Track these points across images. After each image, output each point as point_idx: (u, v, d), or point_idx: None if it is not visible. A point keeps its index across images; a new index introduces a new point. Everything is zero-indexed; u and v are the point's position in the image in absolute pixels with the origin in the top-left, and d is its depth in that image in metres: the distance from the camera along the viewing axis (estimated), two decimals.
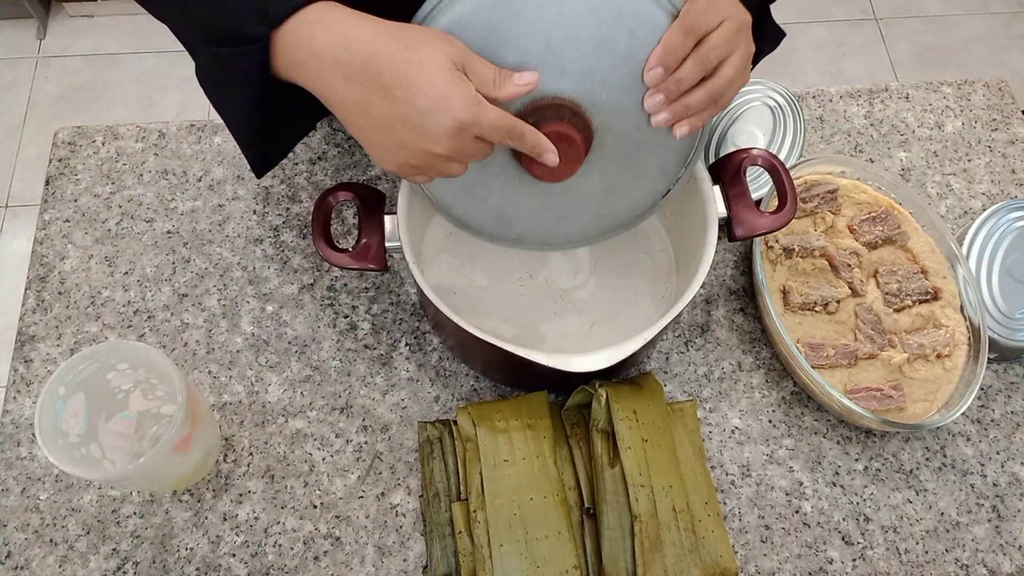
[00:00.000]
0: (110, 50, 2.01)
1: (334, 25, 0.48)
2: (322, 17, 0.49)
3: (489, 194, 0.62)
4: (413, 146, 0.50)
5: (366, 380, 0.72)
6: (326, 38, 0.48)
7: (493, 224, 0.66)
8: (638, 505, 0.62)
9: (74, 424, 0.59)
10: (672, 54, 0.52)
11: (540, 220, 0.65)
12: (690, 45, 0.52)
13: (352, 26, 0.48)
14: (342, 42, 0.48)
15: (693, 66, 0.52)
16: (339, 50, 0.48)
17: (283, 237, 0.78)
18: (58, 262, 0.76)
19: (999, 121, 0.88)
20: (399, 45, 0.48)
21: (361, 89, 0.48)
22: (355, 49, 0.48)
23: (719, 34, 0.52)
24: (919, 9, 2.16)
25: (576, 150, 0.55)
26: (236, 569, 0.65)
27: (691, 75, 0.53)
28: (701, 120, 0.55)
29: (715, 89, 0.53)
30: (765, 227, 0.64)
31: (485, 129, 0.49)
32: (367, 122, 0.50)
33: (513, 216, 0.65)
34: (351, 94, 0.49)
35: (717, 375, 0.73)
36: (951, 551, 0.67)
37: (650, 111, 0.55)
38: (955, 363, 0.71)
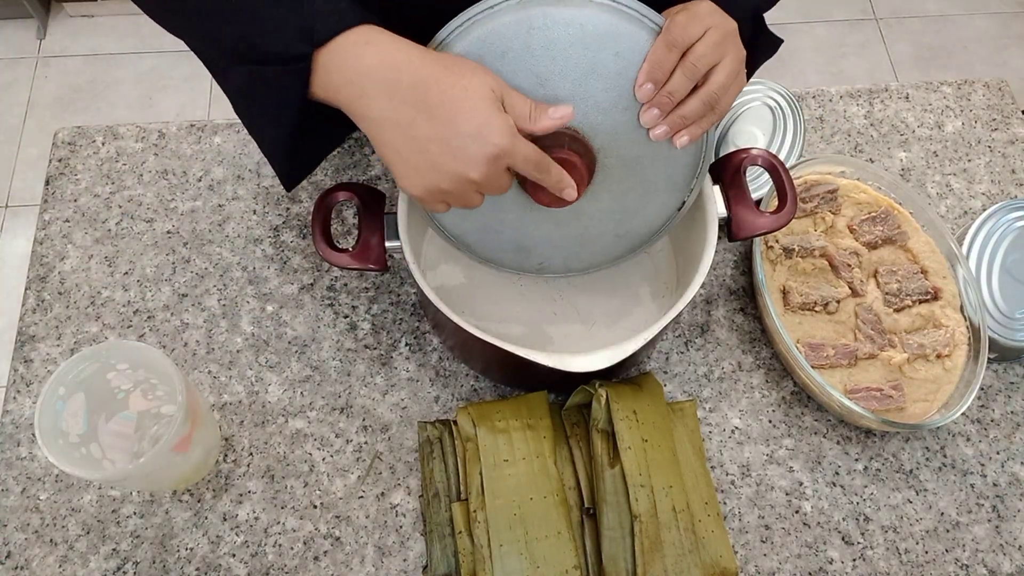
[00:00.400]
0: (110, 50, 2.01)
1: (382, 47, 0.49)
2: (369, 39, 0.49)
3: (503, 227, 0.64)
4: (448, 169, 0.50)
5: (366, 380, 0.72)
6: (374, 59, 0.49)
7: (513, 256, 0.67)
8: (638, 505, 0.62)
9: (74, 424, 0.59)
10: (659, 68, 0.53)
11: (559, 247, 0.66)
12: (676, 58, 0.53)
13: (401, 50, 0.50)
14: (391, 63, 0.49)
15: (682, 77, 0.54)
16: (388, 70, 0.49)
17: (283, 237, 0.78)
18: (58, 262, 0.76)
19: (999, 121, 0.88)
20: (446, 71, 0.49)
21: (405, 109, 0.49)
22: (404, 70, 0.49)
23: (704, 43, 0.53)
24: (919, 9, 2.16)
25: (579, 174, 0.56)
26: (236, 569, 0.65)
27: (681, 86, 0.54)
28: (701, 128, 0.56)
29: (709, 96, 0.54)
30: (765, 227, 0.64)
31: (518, 160, 0.51)
32: (405, 143, 0.50)
33: (531, 246, 0.66)
34: (394, 113, 0.50)
35: (717, 375, 0.73)
36: (951, 551, 0.67)
37: (647, 126, 0.56)
38: (955, 363, 0.71)
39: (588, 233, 0.65)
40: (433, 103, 0.49)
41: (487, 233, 0.64)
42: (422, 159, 0.51)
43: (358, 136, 0.83)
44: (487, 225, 0.63)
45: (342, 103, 0.51)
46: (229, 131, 0.84)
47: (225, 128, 0.84)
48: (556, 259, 0.68)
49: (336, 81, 0.50)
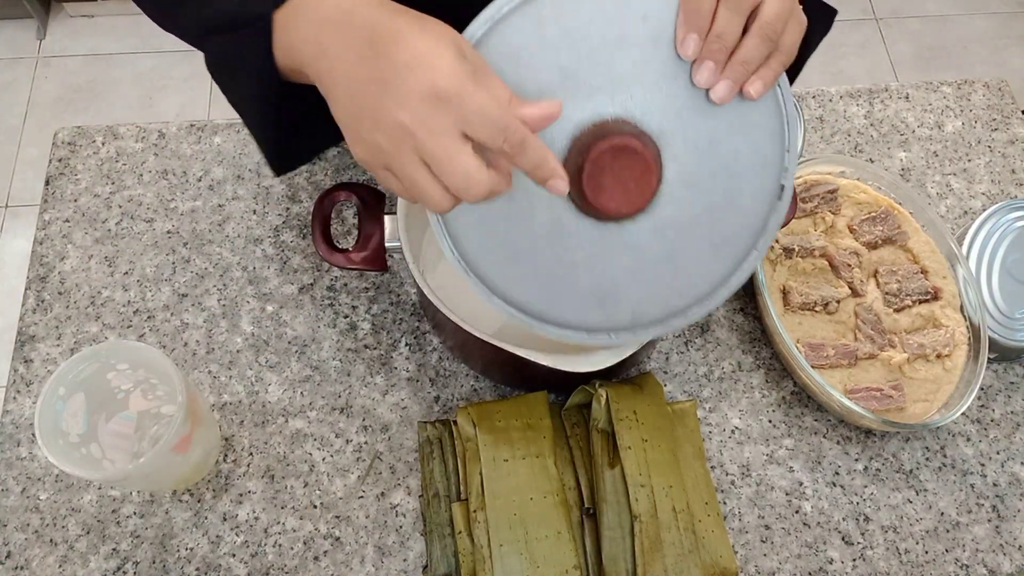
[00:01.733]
0: (110, 50, 2.01)
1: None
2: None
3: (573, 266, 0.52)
4: (381, 110, 0.41)
5: (366, 380, 0.72)
6: (330, 6, 0.44)
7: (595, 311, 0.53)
8: (638, 505, 0.62)
9: (74, 424, 0.59)
10: (696, 13, 0.44)
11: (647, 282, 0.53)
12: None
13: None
14: (347, 7, 0.43)
15: (728, 14, 0.44)
16: (341, 14, 0.43)
17: (283, 237, 0.78)
18: (58, 262, 0.77)
19: (999, 121, 0.88)
20: (404, 13, 0.42)
21: (350, 53, 0.42)
22: (358, 12, 0.43)
23: None
24: (919, 9, 2.16)
25: (644, 167, 0.46)
26: (236, 569, 0.65)
27: (730, 25, 0.44)
28: (772, 72, 0.46)
29: (766, 28, 0.44)
30: None
31: (471, 111, 0.40)
32: (349, 90, 0.42)
33: (614, 289, 0.52)
34: (341, 59, 0.43)
35: (717, 375, 0.73)
36: (951, 551, 0.67)
37: (706, 86, 0.46)
38: (955, 363, 0.71)
39: (678, 251, 0.51)
40: (378, 37, 0.41)
41: (555, 285, 0.52)
42: (362, 105, 0.42)
43: None
44: (553, 272, 0.51)
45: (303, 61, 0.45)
46: (229, 131, 0.84)
47: (225, 128, 0.84)
48: (651, 303, 0.53)
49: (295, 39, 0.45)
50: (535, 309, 0.54)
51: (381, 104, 0.40)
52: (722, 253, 0.53)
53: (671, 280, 0.53)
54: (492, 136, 0.41)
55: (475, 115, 0.40)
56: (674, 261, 0.52)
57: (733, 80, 0.46)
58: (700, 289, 0.54)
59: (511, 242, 0.51)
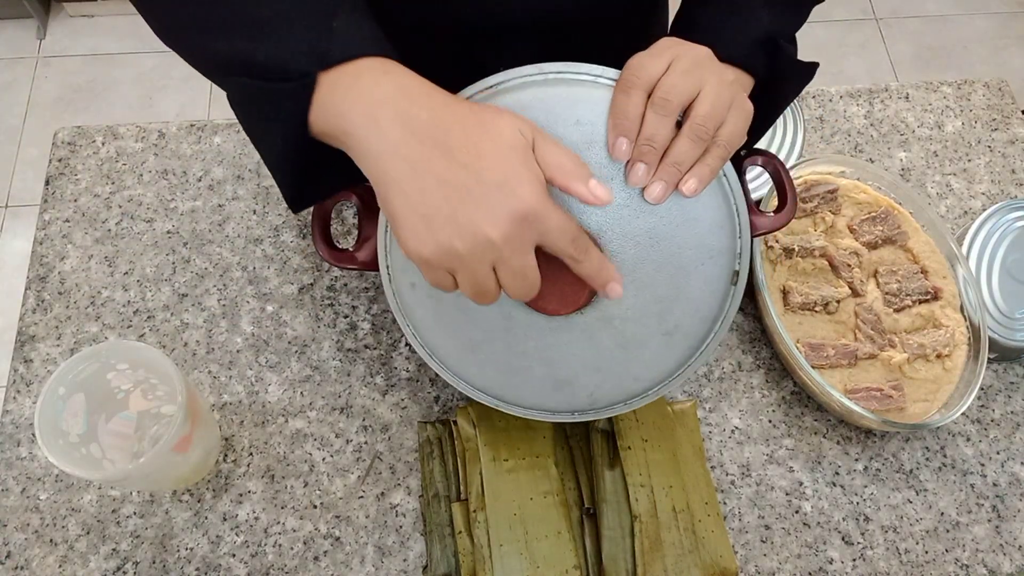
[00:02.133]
0: (110, 50, 2.01)
1: (403, 79, 0.44)
2: (389, 69, 0.44)
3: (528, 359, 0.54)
4: (465, 220, 0.42)
5: (366, 380, 0.72)
6: (392, 87, 0.43)
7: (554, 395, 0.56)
8: (638, 505, 0.62)
9: (74, 424, 0.59)
10: (625, 117, 0.47)
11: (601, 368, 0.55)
12: (641, 100, 0.47)
13: (423, 84, 0.44)
14: (410, 95, 0.43)
15: (655, 117, 0.46)
16: (406, 102, 0.42)
17: (283, 237, 0.78)
18: (58, 262, 0.77)
19: (999, 121, 0.88)
20: (471, 111, 0.43)
21: (421, 147, 0.42)
22: (424, 105, 0.43)
23: (671, 74, 0.47)
24: (919, 9, 2.16)
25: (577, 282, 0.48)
26: (236, 569, 0.65)
27: (659, 127, 0.47)
28: (708, 168, 0.49)
29: (696, 129, 0.47)
30: (765, 227, 0.64)
31: (552, 227, 0.43)
32: (417, 186, 0.42)
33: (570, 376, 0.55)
34: (407, 149, 0.42)
35: (717, 375, 0.73)
36: (951, 551, 0.67)
37: (639, 185, 0.49)
38: (955, 363, 0.71)
39: (628, 338, 0.53)
40: (455, 144, 0.42)
41: (513, 373, 0.54)
42: (436, 207, 0.42)
43: None
44: (509, 362, 0.54)
45: (347, 131, 0.43)
46: (229, 131, 0.84)
47: (225, 128, 0.84)
48: (607, 385, 0.55)
49: (343, 106, 0.43)
50: (497, 392, 0.57)
51: (467, 212, 0.42)
52: (675, 340, 0.54)
53: (626, 366, 0.55)
54: (565, 248, 0.44)
55: (556, 230, 0.43)
56: (627, 349, 0.54)
57: (666, 181, 0.48)
58: (657, 373, 0.56)
59: (466, 334, 0.54)
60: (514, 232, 0.42)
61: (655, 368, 0.55)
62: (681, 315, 0.53)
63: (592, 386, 0.55)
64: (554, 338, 0.53)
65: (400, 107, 0.43)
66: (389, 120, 0.42)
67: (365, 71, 0.43)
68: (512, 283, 0.44)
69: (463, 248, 0.42)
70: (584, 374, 0.55)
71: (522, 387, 0.56)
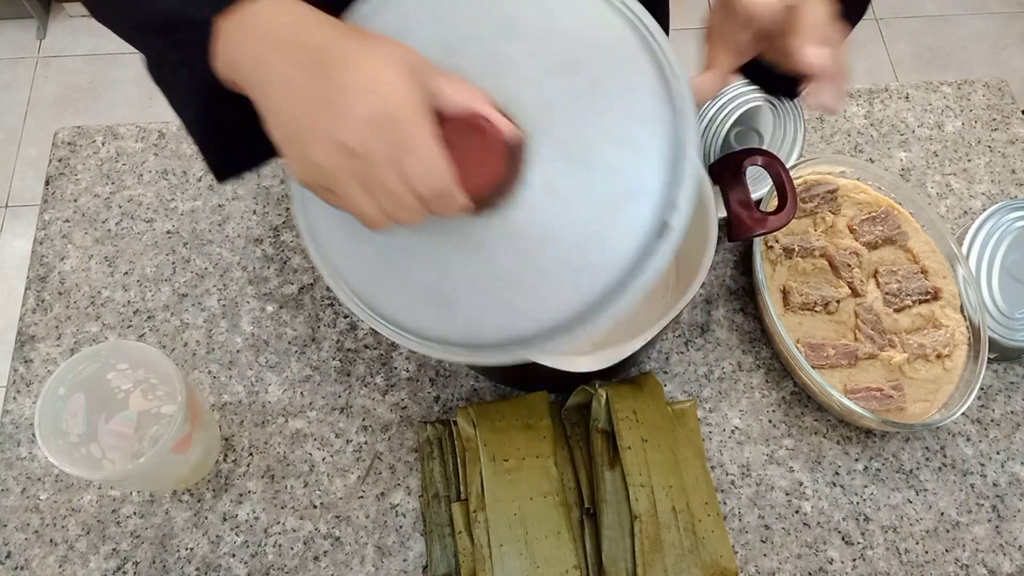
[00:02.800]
0: (110, 50, 2.01)
1: (296, 13, 0.42)
2: (285, 5, 0.43)
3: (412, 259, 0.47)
4: (321, 132, 0.40)
5: (366, 380, 0.72)
6: (280, 21, 0.42)
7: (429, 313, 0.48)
8: (638, 505, 0.62)
9: (74, 424, 0.59)
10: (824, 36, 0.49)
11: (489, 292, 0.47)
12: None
13: (314, 16, 0.43)
14: (296, 25, 0.42)
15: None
16: (290, 32, 0.41)
17: (283, 237, 0.78)
18: (58, 262, 0.76)
19: (999, 121, 0.88)
20: (359, 35, 0.42)
21: (300, 74, 0.41)
22: (309, 32, 0.42)
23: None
24: (919, 9, 2.16)
25: (493, 147, 0.43)
26: (236, 569, 0.65)
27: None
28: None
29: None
30: (765, 227, 0.64)
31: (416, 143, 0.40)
32: (288, 108, 0.41)
33: (455, 293, 0.47)
34: (284, 76, 0.41)
35: (717, 375, 0.73)
36: (951, 551, 0.67)
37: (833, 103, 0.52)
38: (955, 363, 0.71)
39: (528, 267, 0.45)
40: (327, 58, 0.40)
41: (390, 268, 0.47)
42: (299, 128, 0.41)
43: None
44: (389, 256, 0.47)
45: (241, 78, 0.43)
46: None
47: None
48: (492, 321, 0.47)
49: (237, 53, 0.43)
50: (367, 294, 0.49)
51: (321, 125, 0.40)
52: (582, 283, 0.45)
53: (516, 300, 0.46)
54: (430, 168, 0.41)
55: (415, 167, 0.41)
56: (523, 278, 0.46)
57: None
58: (549, 319, 0.46)
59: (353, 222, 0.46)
60: (370, 134, 0.39)
61: (549, 312, 0.45)
62: (597, 255, 0.45)
63: (474, 313, 0.47)
64: (446, 240, 0.46)
65: (284, 38, 0.42)
66: (271, 54, 0.41)
67: (261, 11, 0.42)
68: (388, 203, 0.41)
69: (323, 161, 0.40)
70: (469, 296, 0.47)
71: (395, 294, 0.48)
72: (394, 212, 0.42)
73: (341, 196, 0.42)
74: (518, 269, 0.45)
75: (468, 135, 0.42)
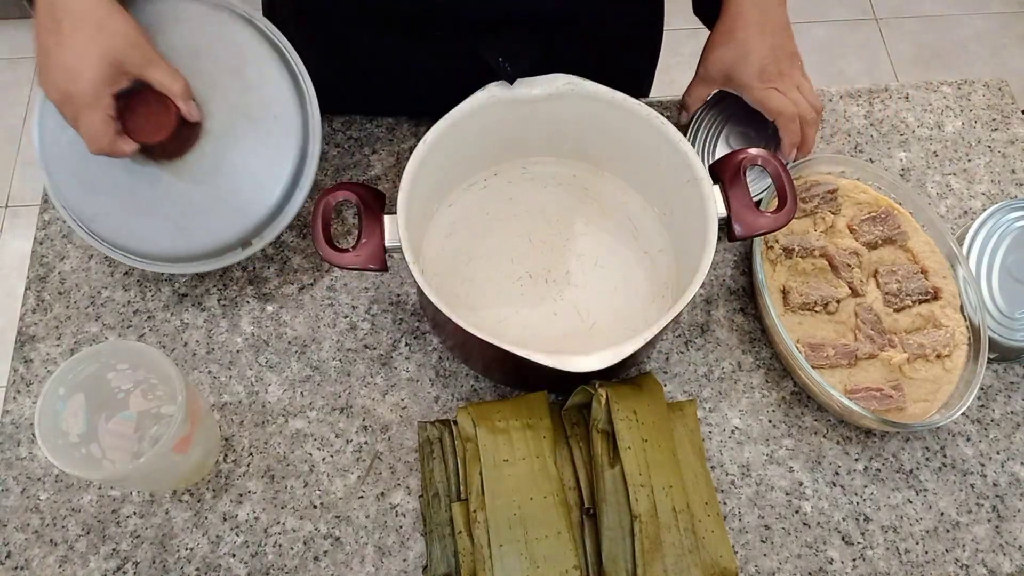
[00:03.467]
0: None
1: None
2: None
3: (114, 191, 0.68)
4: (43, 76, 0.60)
5: (366, 380, 0.72)
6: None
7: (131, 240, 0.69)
8: (638, 505, 0.62)
9: (74, 424, 0.59)
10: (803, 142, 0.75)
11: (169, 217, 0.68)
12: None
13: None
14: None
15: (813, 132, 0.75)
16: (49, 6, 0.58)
17: (283, 237, 0.78)
18: (58, 262, 0.76)
19: (999, 121, 0.88)
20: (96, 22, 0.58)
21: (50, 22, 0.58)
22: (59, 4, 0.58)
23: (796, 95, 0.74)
24: (919, 9, 2.16)
25: (164, 106, 0.63)
26: (236, 569, 0.65)
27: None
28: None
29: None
30: (765, 227, 0.64)
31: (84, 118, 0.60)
32: (38, 38, 0.59)
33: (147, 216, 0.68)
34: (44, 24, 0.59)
35: (717, 375, 0.73)
36: (951, 551, 0.67)
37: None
38: (955, 363, 0.71)
39: (204, 197, 0.67)
40: (59, 22, 0.58)
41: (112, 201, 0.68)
42: (39, 59, 0.60)
43: (358, 136, 0.83)
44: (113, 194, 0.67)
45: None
46: None
47: None
48: (163, 237, 0.68)
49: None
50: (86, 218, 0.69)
51: (43, 70, 0.59)
52: (235, 221, 0.68)
53: (204, 221, 0.68)
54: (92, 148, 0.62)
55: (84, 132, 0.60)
56: (198, 208, 0.67)
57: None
58: (209, 240, 0.69)
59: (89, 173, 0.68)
60: (61, 102, 0.59)
61: (210, 236, 0.68)
62: (250, 196, 0.68)
63: (150, 237, 0.68)
64: (142, 178, 0.67)
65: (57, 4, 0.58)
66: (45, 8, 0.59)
67: None
68: (83, 134, 0.61)
69: (53, 99, 0.60)
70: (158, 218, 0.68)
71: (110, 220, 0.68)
72: (85, 136, 0.61)
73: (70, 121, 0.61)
74: (193, 201, 0.67)
75: (156, 104, 0.63)
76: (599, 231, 0.76)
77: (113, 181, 0.67)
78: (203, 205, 0.67)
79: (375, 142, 0.83)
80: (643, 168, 0.73)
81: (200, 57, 0.66)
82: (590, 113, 0.70)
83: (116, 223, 0.68)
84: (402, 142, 0.83)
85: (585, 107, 0.69)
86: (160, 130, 0.63)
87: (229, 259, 0.69)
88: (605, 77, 0.68)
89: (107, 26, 0.58)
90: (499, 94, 0.67)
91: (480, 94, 0.67)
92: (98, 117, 0.60)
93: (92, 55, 0.58)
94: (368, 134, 0.83)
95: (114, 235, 0.68)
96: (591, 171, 0.78)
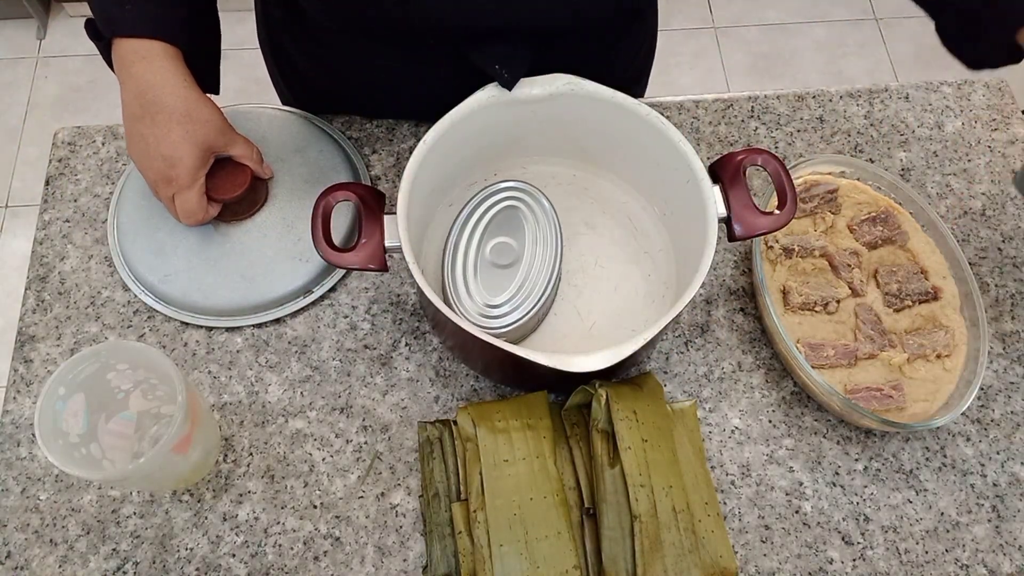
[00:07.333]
0: None
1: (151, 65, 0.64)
2: (149, 55, 0.64)
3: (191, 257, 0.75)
4: (145, 166, 0.67)
5: (366, 380, 0.72)
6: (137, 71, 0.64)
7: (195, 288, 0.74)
8: (638, 505, 0.62)
9: (74, 424, 0.59)
10: None
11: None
12: None
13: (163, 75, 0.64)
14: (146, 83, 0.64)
15: None
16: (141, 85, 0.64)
17: None
18: (58, 262, 0.76)
19: (999, 121, 0.88)
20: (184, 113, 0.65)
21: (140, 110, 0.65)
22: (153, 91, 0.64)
23: None
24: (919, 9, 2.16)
25: (240, 171, 0.72)
26: (236, 569, 0.65)
27: None
28: None
29: None
30: (765, 227, 0.64)
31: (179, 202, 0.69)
32: (132, 129, 0.66)
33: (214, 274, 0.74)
34: (128, 104, 0.66)
35: (717, 375, 0.73)
36: (951, 551, 0.67)
37: None
38: (955, 363, 0.71)
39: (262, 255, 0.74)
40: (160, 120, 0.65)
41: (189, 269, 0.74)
42: (134, 145, 0.67)
43: (358, 136, 0.83)
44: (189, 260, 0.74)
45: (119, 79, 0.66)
46: None
47: None
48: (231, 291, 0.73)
49: (116, 64, 0.65)
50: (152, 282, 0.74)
51: (140, 153, 0.67)
52: (298, 270, 0.74)
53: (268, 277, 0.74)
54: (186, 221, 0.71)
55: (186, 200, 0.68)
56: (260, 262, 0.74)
57: None
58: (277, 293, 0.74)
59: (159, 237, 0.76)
60: (159, 184, 0.67)
61: (275, 286, 0.74)
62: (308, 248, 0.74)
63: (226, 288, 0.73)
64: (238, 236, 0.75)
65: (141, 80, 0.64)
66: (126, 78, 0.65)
67: (131, 50, 0.64)
68: (180, 209, 0.69)
69: (144, 173, 0.68)
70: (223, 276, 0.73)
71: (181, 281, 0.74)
72: (180, 211, 0.69)
73: (163, 200, 0.70)
74: (261, 254, 0.74)
75: (232, 166, 0.72)
76: (599, 231, 0.76)
77: (185, 243, 0.74)
78: (269, 256, 0.74)
79: (375, 142, 0.83)
80: (643, 168, 0.73)
81: (268, 143, 0.78)
82: (590, 113, 0.70)
83: (185, 282, 0.73)
84: (402, 142, 0.83)
85: (585, 107, 0.69)
86: (236, 188, 0.71)
87: (291, 307, 0.74)
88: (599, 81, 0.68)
89: (196, 116, 0.65)
90: (499, 94, 0.67)
91: (480, 94, 0.67)
92: (195, 195, 0.68)
93: (188, 144, 0.65)
94: (368, 134, 0.83)
95: (183, 294, 0.73)
96: (591, 171, 0.78)
